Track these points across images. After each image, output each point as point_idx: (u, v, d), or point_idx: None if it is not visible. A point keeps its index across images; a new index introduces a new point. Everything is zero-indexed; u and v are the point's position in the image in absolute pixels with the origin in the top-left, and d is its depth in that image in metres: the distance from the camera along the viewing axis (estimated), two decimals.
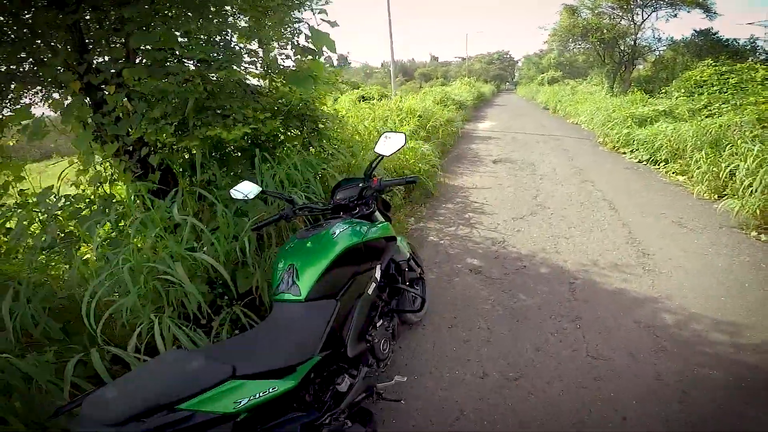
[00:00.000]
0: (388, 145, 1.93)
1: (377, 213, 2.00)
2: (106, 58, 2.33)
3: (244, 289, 2.08)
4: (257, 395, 1.11)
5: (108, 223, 2.14)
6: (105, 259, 1.92)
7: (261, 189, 1.89)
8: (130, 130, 2.27)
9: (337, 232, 1.64)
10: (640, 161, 6.42)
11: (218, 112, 2.38)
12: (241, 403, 1.07)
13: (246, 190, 1.86)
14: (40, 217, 2.22)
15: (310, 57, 2.66)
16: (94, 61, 2.29)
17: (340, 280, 1.56)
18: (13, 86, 2.30)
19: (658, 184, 5.24)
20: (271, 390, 1.15)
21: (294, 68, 2.65)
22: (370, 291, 1.71)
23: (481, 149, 8.36)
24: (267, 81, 2.77)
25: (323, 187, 2.79)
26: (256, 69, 2.69)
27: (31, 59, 2.28)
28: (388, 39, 14.04)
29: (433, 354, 2.22)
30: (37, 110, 2.54)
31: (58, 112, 2.27)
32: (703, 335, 2.26)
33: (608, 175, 5.82)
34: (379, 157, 1.97)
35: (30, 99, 2.42)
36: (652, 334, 2.29)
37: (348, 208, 1.95)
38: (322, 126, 3.07)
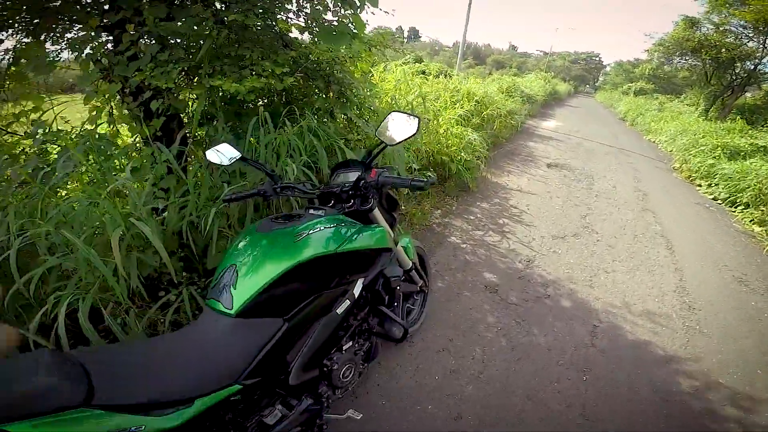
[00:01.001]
0: (396, 129, 1.50)
1: (376, 211, 1.57)
2: None
3: (211, 266, 1.88)
4: None
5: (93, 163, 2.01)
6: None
7: (241, 155, 1.54)
8: (136, 72, 2.10)
9: (308, 233, 1.29)
10: (715, 198, 5.58)
11: (240, 62, 2.15)
12: None
13: (225, 153, 1.55)
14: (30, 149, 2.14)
15: (350, 10, 2.32)
16: None
17: (295, 297, 1.25)
18: (36, 21, 2.17)
19: (729, 229, 4.48)
20: (133, 430, 0.88)
21: (330, 22, 2.32)
22: (339, 310, 1.39)
23: (538, 149, 7.66)
24: (306, 34, 2.48)
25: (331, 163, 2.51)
26: (299, 19, 2.39)
27: None
28: (464, 19, 13.23)
29: (412, 380, 1.94)
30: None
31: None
32: (716, 408, 1.94)
33: (675, 207, 5.06)
34: (382, 145, 1.54)
35: (46, 35, 2.27)
36: (661, 400, 1.95)
37: (340, 199, 1.56)
38: (350, 92, 2.73)
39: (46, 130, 2.13)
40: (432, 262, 2.86)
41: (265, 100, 2.44)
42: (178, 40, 2.03)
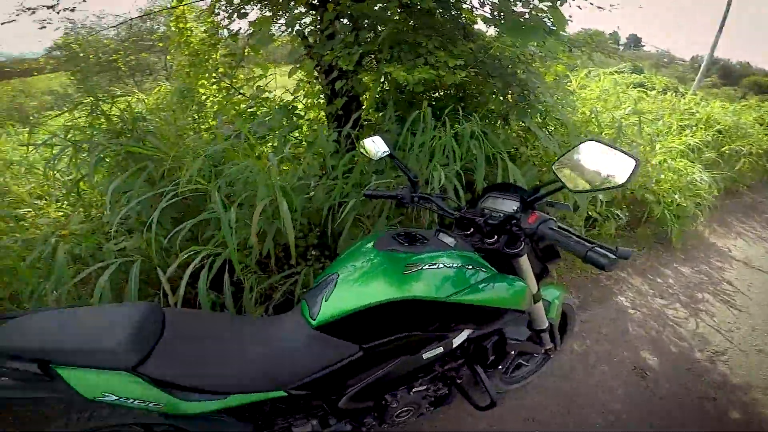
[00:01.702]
0: (590, 168, 0.96)
1: (524, 259, 1.21)
2: None
3: (340, 251, 1.87)
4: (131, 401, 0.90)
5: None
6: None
7: (390, 151, 1.42)
8: (329, 52, 2.23)
9: (422, 267, 1.08)
10: None
11: (416, 49, 2.06)
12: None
13: (377, 146, 1.44)
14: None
15: (548, 2, 1.93)
16: None
17: (381, 330, 1.10)
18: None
19: None
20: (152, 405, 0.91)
21: (521, 14, 1.98)
22: (427, 355, 1.19)
23: None
24: (493, 28, 2.21)
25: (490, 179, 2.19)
26: (484, 9, 2.15)
27: None
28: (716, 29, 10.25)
29: None
30: None
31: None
32: None
33: None
34: (555, 185, 1.05)
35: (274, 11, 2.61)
36: None
37: (481, 230, 1.24)
38: (535, 97, 2.30)
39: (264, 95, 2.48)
40: (581, 318, 2.31)
41: (435, 94, 2.29)
42: (367, 23, 2.05)
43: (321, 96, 2.68)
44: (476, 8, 2.18)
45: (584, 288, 2.75)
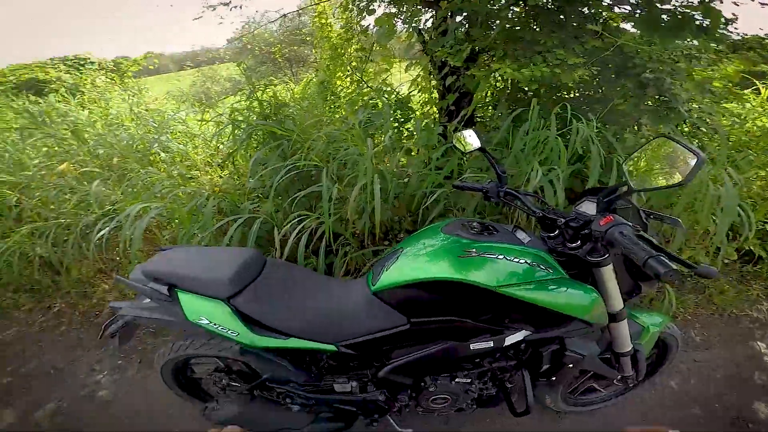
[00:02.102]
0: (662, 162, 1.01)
1: (607, 270, 1.09)
2: None
3: None
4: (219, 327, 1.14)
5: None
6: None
7: (480, 145, 1.37)
8: (440, 48, 2.30)
9: (481, 254, 1.10)
10: None
11: (534, 47, 1.99)
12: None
13: (469, 140, 1.39)
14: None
15: None
16: None
17: (430, 308, 1.15)
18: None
19: None
20: (230, 333, 1.14)
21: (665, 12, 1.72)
22: (474, 346, 1.19)
23: None
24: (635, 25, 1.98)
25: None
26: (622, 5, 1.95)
27: None
28: None
29: None
30: None
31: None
32: None
33: None
34: (623, 187, 1.03)
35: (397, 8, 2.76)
36: None
37: (564, 233, 1.14)
38: (678, 102, 1.96)
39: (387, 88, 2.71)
40: (694, 357, 2.01)
41: (554, 93, 2.16)
42: (479, 20, 2.05)
43: (435, 91, 2.78)
44: (614, 4, 1.98)
45: (715, 326, 2.32)
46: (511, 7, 1.90)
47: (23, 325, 2.47)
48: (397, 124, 2.79)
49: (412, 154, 2.52)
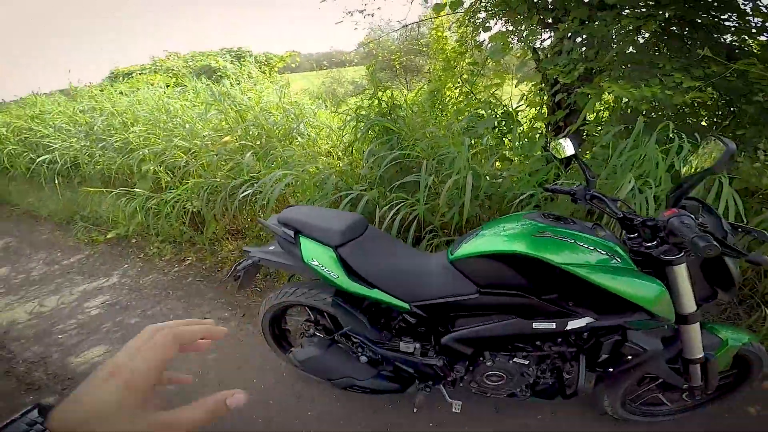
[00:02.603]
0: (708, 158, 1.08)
1: (680, 269, 1.16)
2: None
3: None
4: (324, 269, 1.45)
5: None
6: None
7: (574, 153, 1.41)
8: (553, 67, 2.41)
9: (552, 236, 1.22)
10: None
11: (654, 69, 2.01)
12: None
13: (564, 147, 1.43)
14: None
15: None
16: None
17: (498, 279, 1.29)
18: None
19: None
20: (332, 275, 1.46)
21: None
22: (536, 325, 1.30)
23: None
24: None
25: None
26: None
27: None
28: None
29: None
30: None
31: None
32: None
33: None
34: (696, 176, 1.12)
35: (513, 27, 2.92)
36: None
37: (638, 232, 1.23)
38: None
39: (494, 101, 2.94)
40: None
41: (664, 113, 2.14)
42: (596, 41, 2.14)
43: (544, 106, 2.89)
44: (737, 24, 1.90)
45: None
46: (629, 33, 1.95)
47: (160, 273, 3.17)
48: (499, 134, 2.96)
49: (513, 162, 2.68)
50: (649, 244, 1.18)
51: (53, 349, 2.44)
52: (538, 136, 2.77)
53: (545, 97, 2.75)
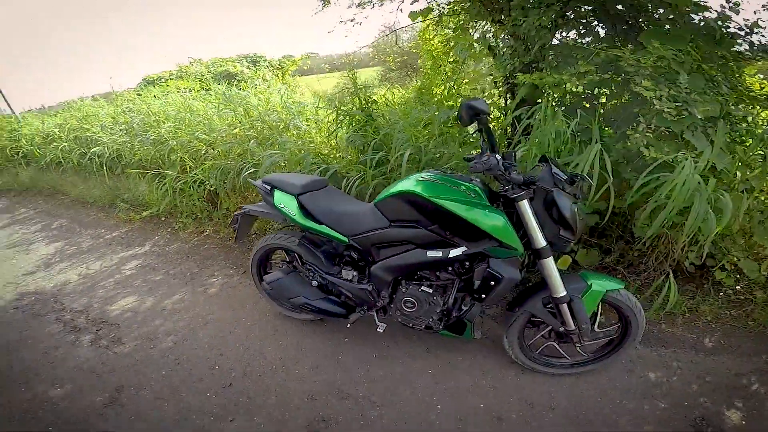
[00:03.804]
0: None
1: (524, 206, 1.56)
2: None
3: None
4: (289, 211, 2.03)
5: None
6: None
7: (487, 112, 1.57)
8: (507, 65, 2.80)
9: (429, 179, 1.70)
10: None
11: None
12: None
13: (477, 107, 1.55)
14: None
15: None
16: None
17: (401, 215, 1.76)
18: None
19: None
20: (293, 215, 2.01)
21: None
22: (429, 253, 1.74)
23: None
24: None
25: None
26: None
27: None
28: None
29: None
30: None
31: None
32: None
33: None
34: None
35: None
36: None
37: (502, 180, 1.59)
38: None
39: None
40: (699, 359, 2.02)
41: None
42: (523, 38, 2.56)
43: (500, 97, 3.30)
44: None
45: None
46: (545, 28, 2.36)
47: (183, 242, 3.86)
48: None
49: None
50: (506, 188, 1.60)
51: (95, 301, 3.09)
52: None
53: (500, 89, 3.16)
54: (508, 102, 3.14)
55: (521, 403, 1.87)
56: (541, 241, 1.61)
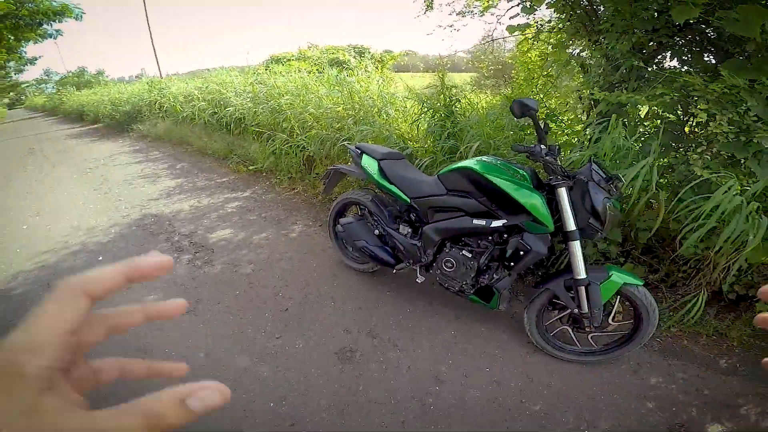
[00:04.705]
0: None
1: (561, 193, 1.83)
2: None
3: None
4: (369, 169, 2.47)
5: None
6: None
7: (536, 109, 1.84)
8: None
9: (488, 161, 2.02)
10: None
11: None
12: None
13: (527, 104, 1.82)
14: None
15: None
16: None
17: (456, 185, 2.10)
18: None
19: None
20: (372, 172, 2.46)
21: None
22: (475, 221, 2.04)
23: None
24: None
25: None
26: None
27: None
28: None
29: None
30: None
31: None
32: None
33: None
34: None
35: None
36: None
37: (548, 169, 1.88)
38: None
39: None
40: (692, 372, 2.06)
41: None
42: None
43: (584, 112, 3.45)
44: None
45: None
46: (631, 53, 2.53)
47: (277, 194, 4.59)
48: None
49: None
50: (550, 177, 1.89)
51: (199, 228, 3.85)
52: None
53: (585, 104, 3.31)
54: (588, 116, 3.28)
55: (522, 376, 2.03)
56: (571, 224, 1.84)
